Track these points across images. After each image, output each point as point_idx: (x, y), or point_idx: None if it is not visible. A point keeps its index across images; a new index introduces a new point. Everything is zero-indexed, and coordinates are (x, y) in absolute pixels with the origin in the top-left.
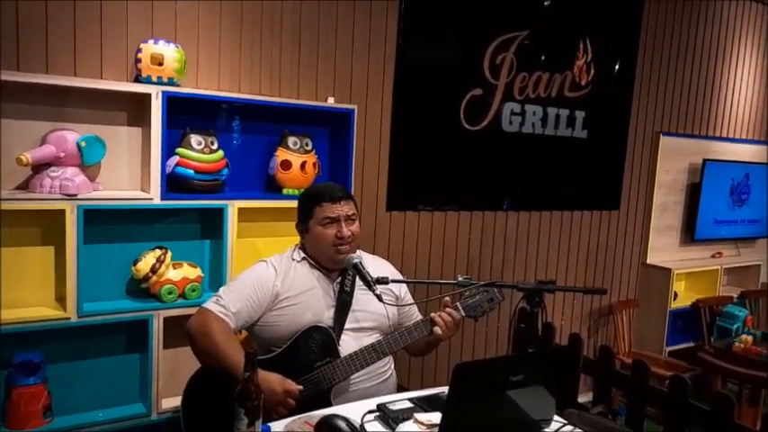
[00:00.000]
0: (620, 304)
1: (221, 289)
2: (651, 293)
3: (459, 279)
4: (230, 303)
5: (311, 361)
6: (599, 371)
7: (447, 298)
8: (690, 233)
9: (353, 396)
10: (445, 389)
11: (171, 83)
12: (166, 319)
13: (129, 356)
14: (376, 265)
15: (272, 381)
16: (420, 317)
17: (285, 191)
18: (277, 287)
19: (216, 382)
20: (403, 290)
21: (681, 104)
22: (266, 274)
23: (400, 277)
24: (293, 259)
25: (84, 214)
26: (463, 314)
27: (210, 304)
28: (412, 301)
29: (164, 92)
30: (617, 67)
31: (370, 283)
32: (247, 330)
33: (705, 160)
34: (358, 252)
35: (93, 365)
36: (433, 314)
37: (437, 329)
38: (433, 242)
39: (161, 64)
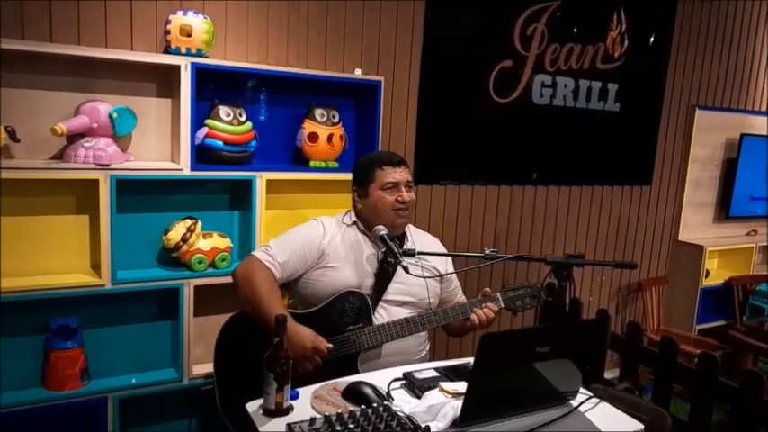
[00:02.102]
0: (649, 281)
1: (271, 240)
2: (682, 271)
3: (486, 252)
4: (278, 254)
5: (344, 323)
6: (626, 347)
7: (487, 288)
8: (725, 210)
9: (382, 368)
10: (471, 359)
11: (199, 54)
12: (197, 288)
13: (161, 323)
14: (424, 240)
15: (304, 335)
16: (464, 299)
17: (312, 163)
18: (323, 245)
19: (246, 332)
20: (449, 269)
21: (718, 77)
22: (315, 232)
23: (447, 256)
24: (343, 222)
25: (116, 184)
26: (503, 306)
27: (259, 253)
28: (455, 281)
29: (192, 63)
30: (652, 38)
31: (396, 255)
32: (290, 286)
33: (743, 135)
34: (409, 226)
35: (127, 331)
36: (476, 309)
37: (473, 317)
38: (460, 216)
39: (189, 35)
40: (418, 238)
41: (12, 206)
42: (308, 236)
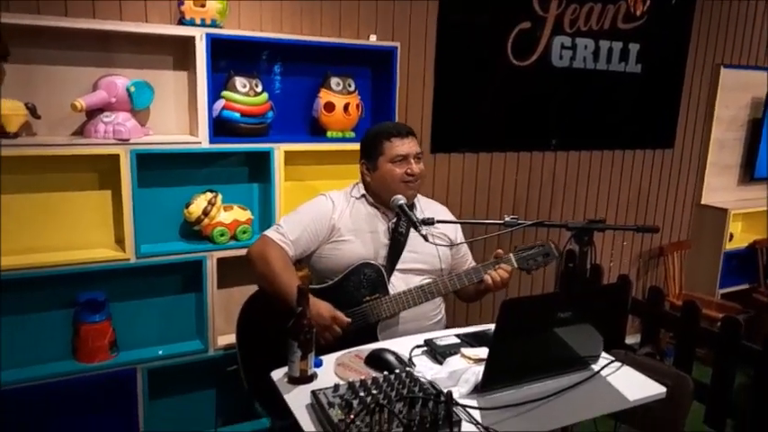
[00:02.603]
0: (671, 246)
1: (282, 218)
2: (705, 235)
3: (507, 219)
4: (289, 232)
5: (361, 295)
6: (648, 311)
7: (500, 250)
8: (749, 172)
9: (401, 335)
10: (492, 325)
11: (214, 25)
12: (219, 260)
13: (185, 296)
14: (433, 209)
15: (321, 306)
16: (474, 264)
17: (329, 133)
18: (334, 220)
19: (268, 306)
20: (459, 236)
21: (744, 34)
22: (324, 208)
23: (467, 223)
24: (352, 196)
25: (136, 159)
26: (516, 266)
27: (271, 232)
28: (464, 248)
29: (207, 34)
30: None
31: (416, 224)
32: (305, 261)
33: None
34: (417, 196)
35: (153, 304)
36: (489, 270)
37: (487, 278)
38: (479, 184)
39: (203, 5)
40: (427, 206)
41: (36, 183)
42: (318, 211)
